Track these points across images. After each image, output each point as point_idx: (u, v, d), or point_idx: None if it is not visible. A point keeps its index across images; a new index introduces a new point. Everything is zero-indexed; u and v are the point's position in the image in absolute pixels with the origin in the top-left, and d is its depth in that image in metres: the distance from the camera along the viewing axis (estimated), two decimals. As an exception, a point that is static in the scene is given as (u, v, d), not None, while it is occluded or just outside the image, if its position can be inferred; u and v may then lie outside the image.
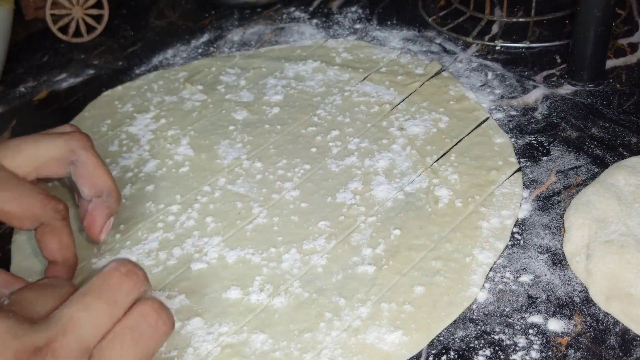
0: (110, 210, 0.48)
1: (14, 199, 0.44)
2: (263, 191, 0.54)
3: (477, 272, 0.46)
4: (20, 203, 0.44)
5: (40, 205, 0.44)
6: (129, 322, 0.34)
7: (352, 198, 0.52)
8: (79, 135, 0.48)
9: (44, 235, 0.45)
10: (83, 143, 0.48)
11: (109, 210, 0.48)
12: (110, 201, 0.48)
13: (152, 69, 0.73)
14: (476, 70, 0.67)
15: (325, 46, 0.73)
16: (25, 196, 0.44)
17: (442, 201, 0.51)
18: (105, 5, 0.80)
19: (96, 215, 0.48)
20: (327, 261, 0.47)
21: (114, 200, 0.48)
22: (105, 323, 0.33)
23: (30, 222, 0.44)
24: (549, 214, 0.50)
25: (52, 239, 0.45)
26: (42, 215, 0.44)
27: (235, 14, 0.82)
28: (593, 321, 0.42)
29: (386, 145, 0.57)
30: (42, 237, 0.45)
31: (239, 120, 0.62)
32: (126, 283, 0.34)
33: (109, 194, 0.48)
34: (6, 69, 0.73)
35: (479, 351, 0.41)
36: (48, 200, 0.45)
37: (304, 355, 0.41)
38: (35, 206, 0.44)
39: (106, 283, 0.34)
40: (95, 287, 0.34)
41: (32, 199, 0.44)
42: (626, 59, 0.66)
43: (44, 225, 0.45)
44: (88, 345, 0.32)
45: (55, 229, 0.45)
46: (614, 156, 0.55)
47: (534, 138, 0.57)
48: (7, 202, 0.43)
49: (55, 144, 0.47)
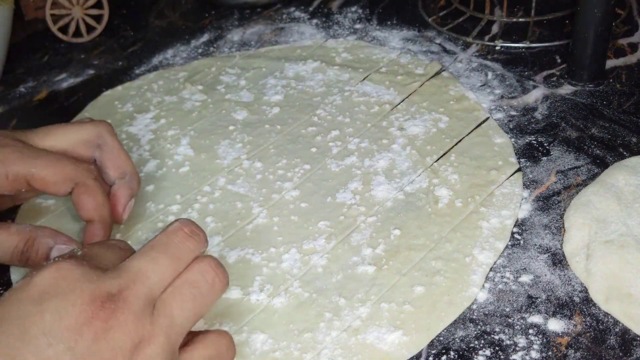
0: (132, 191, 0.51)
1: (48, 165, 0.46)
2: (263, 191, 0.54)
3: (477, 272, 0.46)
4: (54, 168, 0.46)
5: (73, 167, 0.47)
6: (189, 278, 0.36)
7: (352, 198, 0.52)
8: (105, 122, 0.51)
9: (79, 195, 0.47)
10: (109, 128, 0.51)
11: (132, 191, 0.51)
12: (132, 182, 0.51)
13: (152, 69, 0.73)
14: (476, 70, 0.67)
15: (325, 46, 0.73)
16: (57, 160, 0.47)
17: (442, 201, 0.51)
18: (105, 5, 0.80)
19: (120, 195, 0.50)
20: (327, 261, 0.47)
21: (136, 182, 0.51)
22: (168, 277, 0.35)
23: (65, 186, 0.47)
24: (549, 214, 0.50)
25: (88, 198, 0.47)
26: (76, 176, 0.47)
27: (235, 14, 0.82)
28: (593, 321, 0.42)
29: (386, 145, 0.57)
30: (78, 198, 0.47)
31: (239, 120, 0.62)
32: (189, 242, 0.37)
33: (131, 176, 0.51)
34: (6, 69, 0.73)
35: (479, 351, 0.41)
36: (79, 162, 0.48)
37: (304, 355, 0.41)
38: (68, 168, 0.47)
39: (171, 240, 0.37)
40: (161, 243, 0.36)
41: (64, 163, 0.47)
42: (626, 59, 0.66)
43: (79, 186, 0.47)
44: (154, 296, 0.35)
45: (89, 188, 0.47)
46: (614, 156, 0.55)
47: (534, 138, 0.57)
48: (42, 169, 0.46)
49: (84, 128, 0.50)
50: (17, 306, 0.33)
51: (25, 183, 0.46)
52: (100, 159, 0.50)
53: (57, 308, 0.32)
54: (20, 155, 0.46)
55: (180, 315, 0.35)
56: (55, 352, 0.31)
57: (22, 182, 0.46)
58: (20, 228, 0.45)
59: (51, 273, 0.34)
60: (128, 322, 0.33)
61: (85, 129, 0.50)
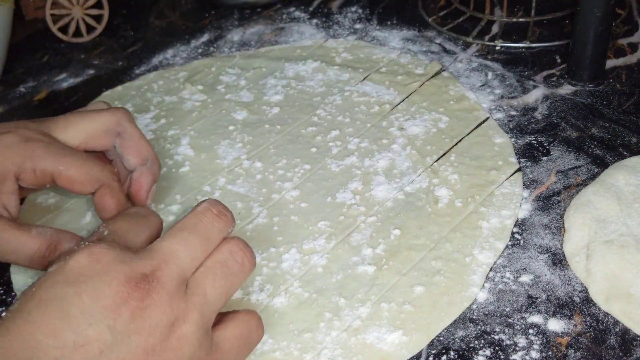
0: (154, 176, 0.51)
1: (75, 164, 0.46)
2: (263, 191, 0.54)
3: (477, 272, 0.46)
4: (81, 167, 0.46)
5: (99, 169, 0.47)
6: (220, 257, 0.37)
7: (352, 198, 0.52)
8: (123, 109, 0.51)
9: (103, 196, 0.47)
10: (128, 116, 0.51)
11: (154, 177, 0.51)
12: (154, 168, 0.51)
13: (152, 69, 0.73)
14: (476, 70, 0.67)
15: (325, 46, 0.73)
16: (84, 160, 0.47)
17: (442, 201, 0.51)
18: (105, 5, 0.80)
19: (143, 181, 0.50)
20: (327, 261, 0.47)
21: (157, 167, 0.52)
22: (199, 256, 0.37)
23: (91, 186, 0.47)
24: (549, 214, 0.50)
25: (112, 199, 0.47)
26: (101, 177, 0.47)
27: (235, 14, 0.82)
28: (593, 321, 0.42)
29: (386, 145, 0.57)
30: (101, 198, 0.47)
31: (239, 120, 0.62)
32: (217, 222, 0.38)
33: (152, 161, 0.51)
34: (6, 69, 0.73)
35: (479, 351, 0.41)
36: (104, 163, 0.48)
37: (303, 355, 0.41)
38: (94, 169, 0.47)
39: (200, 221, 0.38)
40: (191, 224, 0.37)
41: (90, 163, 0.47)
42: (626, 59, 0.66)
43: (104, 187, 0.47)
44: (186, 276, 0.36)
45: (113, 189, 0.47)
46: (614, 156, 0.55)
47: (534, 138, 0.57)
48: (69, 167, 0.46)
49: (104, 116, 0.50)
50: (54, 288, 0.33)
51: (51, 179, 0.47)
52: (121, 146, 0.50)
53: (93, 289, 0.33)
54: (48, 151, 0.46)
55: (213, 294, 0.36)
56: (96, 331, 0.32)
57: (48, 178, 0.47)
58: (41, 231, 0.45)
59: (84, 257, 0.34)
60: (163, 301, 0.34)
61: (104, 117, 0.50)
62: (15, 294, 0.48)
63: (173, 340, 0.34)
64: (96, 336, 0.32)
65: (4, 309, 0.47)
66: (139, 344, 0.33)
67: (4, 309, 0.47)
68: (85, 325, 0.32)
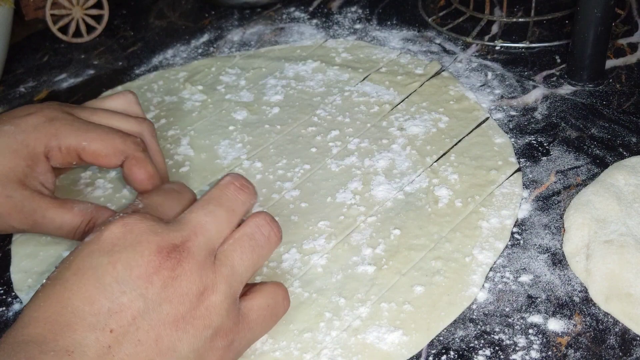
0: None
1: (97, 138, 0.47)
2: (263, 191, 0.54)
3: (477, 272, 0.46)
4: (105, 141, 0.47)
5: (121, 140, 0.48)
6: (247, 230, 0.39)
7: (352, 198, 0.52)
8: (148, 121, 0.52)
9: (131, 168, 0.47)
10: (151, 129, 0.52)
11: None
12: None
13: (152, 69, 0.73)
14: (476, 70, 0.67)
15: (325, 46, 0.73)
16: (107, 134, 0.48)
17: (442, 201, 0.51)
18: (105, 5, 0.80)
19: None
20: (327, 261, 0.47)
21: None
22: (225, 228, 0.38)
23: (116, 158, 0.47)
24: (549, 214, 0.50)
25: (140, 170, 0.47)
26: (125, 148, 0.47)
27: (235, 14, 0.82)
28: (593, 321, 0.42)
29: (386, 145, 0.57)
30: (130, 170, 0.47)
31: (239, 120, 0.62)
32: (240, 195, 0.40)
33: (164, 180, 0.51)
34: (6, 69, 0.73)
35: (479, 351, 0.41)
36: (126, 135, 0.48)
37: (303, 355, 0.41)
38: (117, 142, 0.47)
39: (224, 194, 0.39)
40: (216, 197, 0.39)
41: (112, 136, 0.48)
42: (626, 59, 0.66)
43: (129, 158, 0.48)
44: (214, 247, 0.37)
45: (140, 160, 0.48)
46: (614, 156, 0.55)
47: (533, 138, 0.58)
48: (92, 141, 0.47)
49: (129, 122, 0.51)
50: (90, 258, 0.35)
51: (77, 156, 0.48)
52: None
53: (127, 259, 0.35)
54: (72, 128, 0.47)
55: (241, 265, 0.38)
56: (129, 299, 0.34)
57: (73, 155, 0.47)
58: (82, 208, 0.47)
59: (118, 227, 0.36)
60: (193, 271, 0.35)
61: (129, 123, 0.50)
62: (15, 294, 0.48)
63: (202, 308, 0.35)
64: (129, 304, 0.34)
65: (4, 309, 0.47)
66: (170, 311, 0.34)
67: (4, 309, 0.47)
68: (119, 293, 0.34)
